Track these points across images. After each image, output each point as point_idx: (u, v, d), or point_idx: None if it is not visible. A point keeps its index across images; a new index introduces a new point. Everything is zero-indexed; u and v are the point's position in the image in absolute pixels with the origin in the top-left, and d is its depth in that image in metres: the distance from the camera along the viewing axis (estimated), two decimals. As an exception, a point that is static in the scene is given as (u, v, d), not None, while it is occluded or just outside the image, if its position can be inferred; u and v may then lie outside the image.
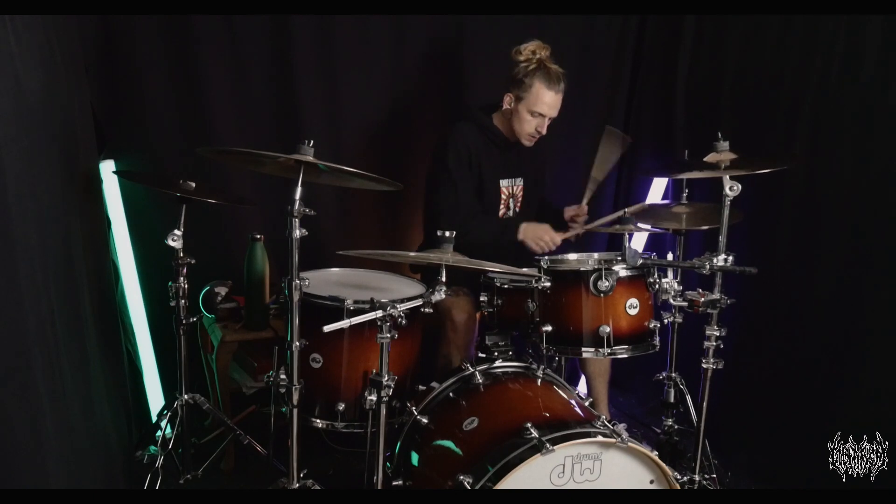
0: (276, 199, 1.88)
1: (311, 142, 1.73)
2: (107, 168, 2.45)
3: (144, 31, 2.51)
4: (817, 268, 2.44)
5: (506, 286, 2.24)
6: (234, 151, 1.92)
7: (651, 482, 1.70)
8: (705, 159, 2.03)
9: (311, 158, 1.71)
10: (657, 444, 2.49)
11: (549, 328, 2.13)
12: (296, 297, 1.77)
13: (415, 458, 1.92)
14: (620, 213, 2.32)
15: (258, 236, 2.40)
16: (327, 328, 1.71)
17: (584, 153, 3.31)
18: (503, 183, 2.64)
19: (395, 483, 1.91)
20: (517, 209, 2.72)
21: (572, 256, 2.30)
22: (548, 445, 1.56)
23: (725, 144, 2.00)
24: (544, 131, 2.54)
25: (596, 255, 2.26)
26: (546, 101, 2.47)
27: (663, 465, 1.68)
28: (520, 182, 2.69)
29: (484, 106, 2.65)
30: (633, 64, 3.29)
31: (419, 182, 2.74)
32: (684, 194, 2.47)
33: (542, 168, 2.84)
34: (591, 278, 2.09)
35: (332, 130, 2.87)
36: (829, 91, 2.40)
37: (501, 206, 2.67)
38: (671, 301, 2.09)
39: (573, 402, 1.95)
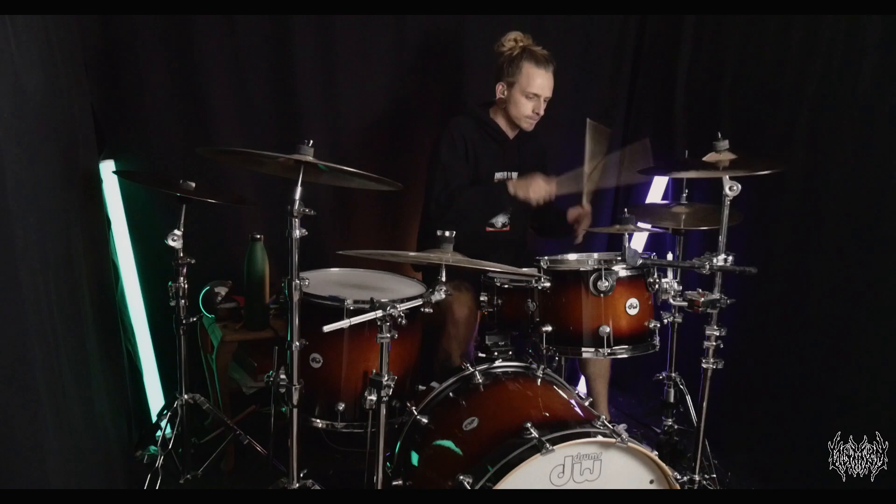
0: (276, 199, 1.89)
1: (311, 142, 1.73)
2: (107, 168, 2.45)
3: (144, 31, 2.51)
4: (817, 268, 2.44)
5: (506, 286, 2.24)
6: (234, 151, 1.92)
7: (651, 482, 1.70)
8: (704, 159, 2.03)
9: (311, 158, 1.71)
10: (657, 444, 2.49)
11: (549, 328, 2.13)
12: (296, 297, 1.77)
13: (415, 458, 1.92)
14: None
15: (258, 236, 2.39)
16: (327, 328, 1.71)
17: (585, 153, 3.31)
18: (497, 176, 2.64)
19: (395, 483, 1.91)
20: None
21: (572, 256, 2.30)
22: (548, 445, 1.56)
23: (725, 144, 2.00)
24: (542, 112, 2.56)
25: (596, 255, 2.26)
26: (538, 80, 2.49)
27: (663, 465, 1.68)
28: (515, 176, 2.69)
29: (481, 102, 2.66)
30: (633, 64, 3.29)
31: (419, 182, 2.74)
32: (684, 194, 2.47)
33: (543, 166, 2.83)
34: (591, 278, 2.09)
35: (332, 130, 2.87)
36: (829, 91, 2.40)
37: None
38: (671, 301, 2.09)
39: (573, 402, 1.95)
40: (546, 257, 2.16)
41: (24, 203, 1.49)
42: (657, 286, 2.13)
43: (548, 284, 2.12)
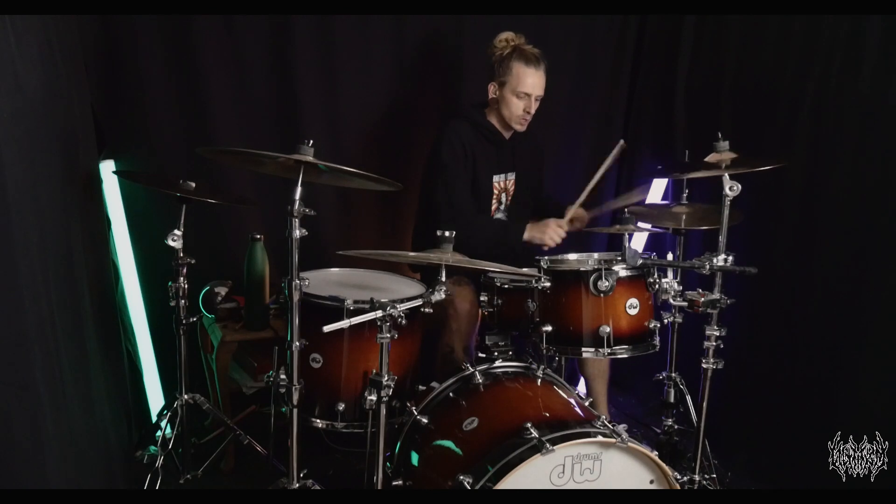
0: (276, 199, 1.88)
1: (311, 142, 1.73)
2: (107, 168, 2.45)
3: (144, 31, 2.51)
4: (817, 268, 2.44)
5: (506, 286, 2.24)
6: (234, 151, 1.92)
7: (651, 482, 1.70)
8: (706, 159, 2.03)
9: (311, 158, 1.71)
10: (657, 444, 2.49)
11: (549, 328, 2.13)
12: (296, 297, 1.77)
13: (415, 458, 1.92)
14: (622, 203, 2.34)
15: (258, 236, 2.39)
16: (327, 328, 1.71)
17: (584, 152, 3.32)
18: (496, 178, 2.65)
19: (395, 483, 1.92)
20: (508, 203, 2.72)
21: (572, 256, 2.30)
22: (548, 445, 1.56)
23: (725, 144, 2.01)
24: (533, 111, 2.55)
25: (596, 255, 2.26)
26: (528, 80, 2.48)
27: (663, 465, 1.68)
28: (512, 176, 2.69)
29: (476, 103, 2.67)
30: (633, 64, 3.29)
31: (419, 182, 2.74)
32: (684, 194, 2.47)
33: (540, 165, 2.84)
34: (591, 278, 2.09)
35: (332, 130, 2.87)
36: (829, 91, 2.39)
37: (493, 201, 2.67)
38: (671, 301, 2.09)
39: (573, 402, 1.95)
40: (546, 257, 2.16)
41: (24, 203, 1.49)
42: (657, 286, 2.13)
43: (548, 284, 2.12)
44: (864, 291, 2.29)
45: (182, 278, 2.13)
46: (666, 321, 2.32)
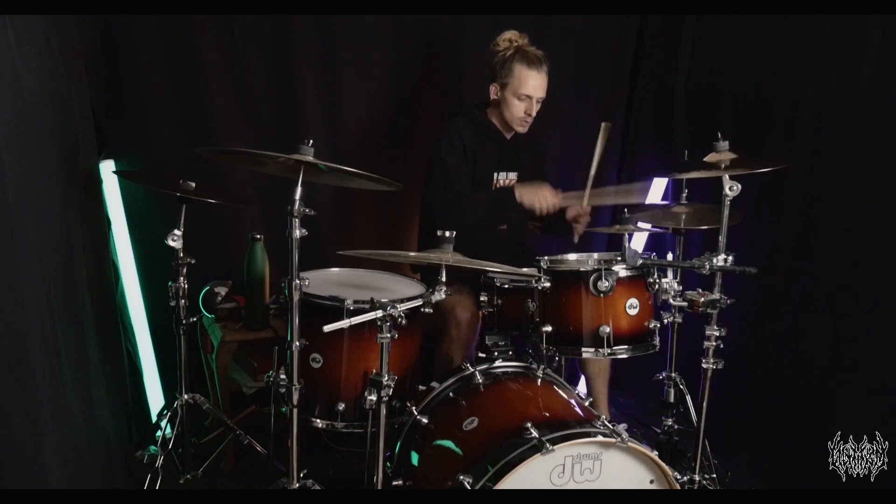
0: (276, 199, 1.88)
1: (311, 142, 1.73)
2: (107, 168, 2.45)
3: (144, 31, 2.51)
4: (817, 267, 2.44)
5: (506, 286, 2.24)
6: (234, 151, 1.92)
7: (651, 482, 1.70)
8: (705, 159, 2.03)
9: (311, 158, 1.71)
10: (657, 444, 2.49)
11: (549, 328, 2.13)
12: (296, 297, 1.77)
13: (415, 458, 1.92)
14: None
15: (258, 236, 2.39)
16: (327, 328, 1.71)
17: (585, 153, 3.31)
18: (497, 176, 2.64)
19: (395, 483, 1.91)
20: None
21: (572, 256, 2.30)
22: (548, 445, 1.56)
23: (725, 144, 2.01)
24: (534, 113, 2.54)
25: (596, 256, 2.26)
26: (530, 82, 2.48)
27: (663, 465, 1.68)
28: (514, 176, 2.69)
29: (478, 103, 2.67)
30: (633, 64, 3.29)
31: (419, 182, 2.74)
32: (684, 194, 2.47)
33: (541, 165, 2.84)
34: (591, 278, 2.09)
35: (332, 130, 2.87)
36: (829, 91, 2.40)
37: None
38: (671, 301, 2.09)
39: (573, 402, 1.95)
40: (546, 257, 2.16)
41: (24, 203, 1.49)
42: (657, 286, 2.13)
43: (548, 284, 2.12)
44: (865, 291, 2.29)
45: (182, 278, 2.14)
46: (666, 321, 2.32)
